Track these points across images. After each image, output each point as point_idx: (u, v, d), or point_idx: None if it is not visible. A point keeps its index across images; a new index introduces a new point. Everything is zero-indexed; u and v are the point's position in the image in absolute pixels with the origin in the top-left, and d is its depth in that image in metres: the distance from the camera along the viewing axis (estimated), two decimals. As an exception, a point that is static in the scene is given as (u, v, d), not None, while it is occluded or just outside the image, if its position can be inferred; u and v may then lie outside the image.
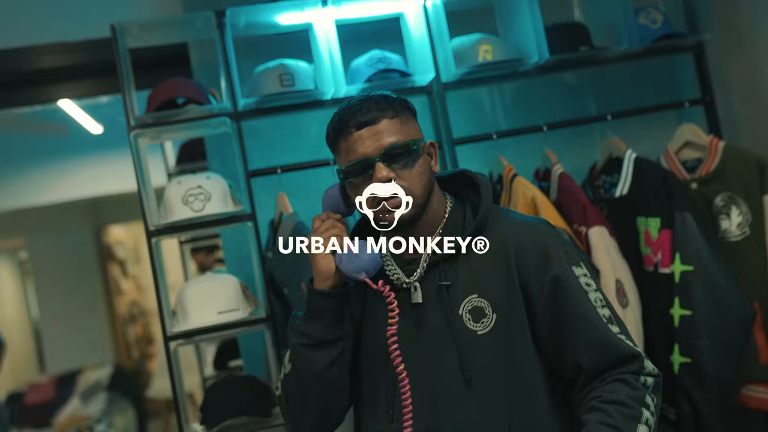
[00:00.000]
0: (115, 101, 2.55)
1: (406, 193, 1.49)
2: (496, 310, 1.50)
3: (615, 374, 1.46)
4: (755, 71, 2.54)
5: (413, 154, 1.51)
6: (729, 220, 2.44)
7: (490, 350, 1.49)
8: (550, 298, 1.50)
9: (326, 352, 1.53)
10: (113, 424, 5.95)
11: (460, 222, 1.58)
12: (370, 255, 1.50)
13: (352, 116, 1.51)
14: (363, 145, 1.50)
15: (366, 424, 1.62)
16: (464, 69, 2.50)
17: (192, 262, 4.81)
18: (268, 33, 2.67)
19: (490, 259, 1.53)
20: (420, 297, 1.54)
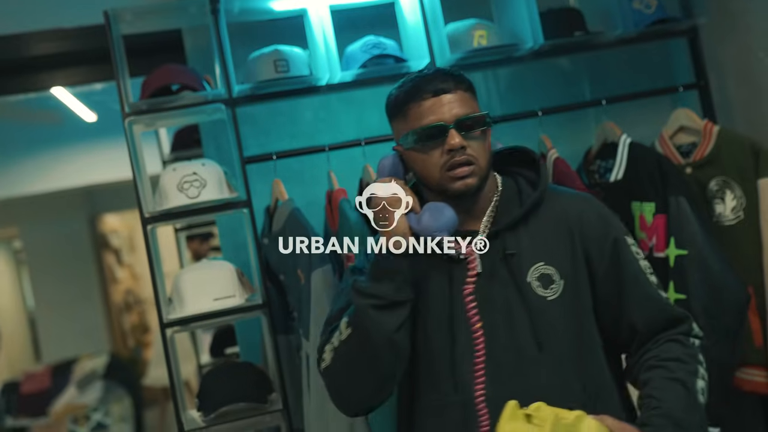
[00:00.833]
0: (109, 88, 2.54)
1: (474, 162, 1.54)
2: (563, 277, 1.55)
3: (668, 335, 1.56)
4: (749, 55, 2.55)
5: (484, 127, 1.56)
6: (723, 204, 2.45)
7: (560, 315, 1.54)
8: (611, 263, 1.58)
9: (395, 314, 1.50)
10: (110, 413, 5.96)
11: (514, 195, 1.64)
12: (451, 214, 1.50)
13: (429, 83, 1.55)
14: (438, 111, 1.53)
15: (425, 397, 1.61)
16: (459, 54, 2.50)
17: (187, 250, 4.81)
18: (263, 19, 2.66)
19: (552, 228, 1.59)
20: (479, 267, 1.56)
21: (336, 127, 2.80)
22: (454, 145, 1.50)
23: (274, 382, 2.41)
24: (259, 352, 2.62)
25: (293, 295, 2.38)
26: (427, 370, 1.60)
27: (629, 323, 1.58)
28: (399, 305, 1.50)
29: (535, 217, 1.60)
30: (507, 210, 1.61)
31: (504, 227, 1.58)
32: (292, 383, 2.41)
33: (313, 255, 2.26)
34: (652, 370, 1.51)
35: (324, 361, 1.57)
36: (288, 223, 2.37)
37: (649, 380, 1.50)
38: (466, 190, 1.54)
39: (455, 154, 1.52)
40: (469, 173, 1.53)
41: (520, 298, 1.54)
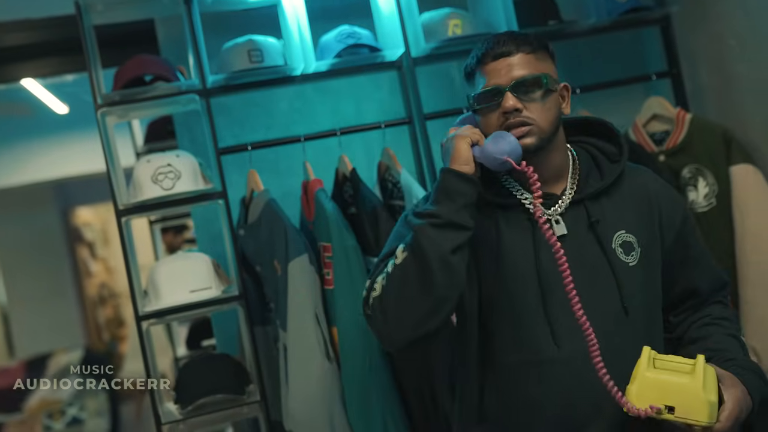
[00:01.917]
0: (81, 80, 2.51)
1: (532, 124, 1.55)
2: (641, 245, 1.62)
3: (716, 297, 1.72)
4: (721, 44, 2.57)
5: (543, 88, 1.55)
6: (696, 191, 2.47)
7: (640, 280, 1.60)
8: (680, 233, 1.68)
9: (454, 235, 1.50)
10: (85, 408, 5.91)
11: (591, 165, 1.68)
12: (514, 141, 1.51)
13: (491, 48, 1.58)
14: (497, 75, 1.56)
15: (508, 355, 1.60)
16: (434, 44, 2.50)
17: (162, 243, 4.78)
18: (236, 9, 2.64)
19: (632, 200, 1.65)
20: (564, 229, 1.59)
21: (311, 117, 2.79)
22: (507, 108, 1.53)
23: (251, 374, 2.40)
24: (236, 343, 2.61)
25: (270, 286, 2.38)
26: (511, 328, 1.60)
27: (690, 286, 1.70)
28: (457, 227, 1.50)
29: (616, 187, 1.65)
30: (587, 179, 1.65)
31: (587, 196, 1.62)
32: (269, 374, 2.41)
33: (290, 245, 2.25)
34: (709, 326, 1.65)
35: (375, 291, 1.54)
36: (264, 214, 2.36)
37: (709, 335, 1.63)
38: (524, 150, 1.54)
39: (510, 116, 1.54)
40: (526, 133, 1.54)
41: (607, 262, 1.58)
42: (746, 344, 1.67)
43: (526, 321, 1.58)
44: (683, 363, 1.41)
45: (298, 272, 2.23)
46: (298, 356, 2.22)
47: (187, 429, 2.35)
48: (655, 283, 1.65)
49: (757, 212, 2.36)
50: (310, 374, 2.21)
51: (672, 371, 1.40)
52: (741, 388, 1.44)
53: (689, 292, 1.70)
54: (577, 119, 1.77)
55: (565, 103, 1.65)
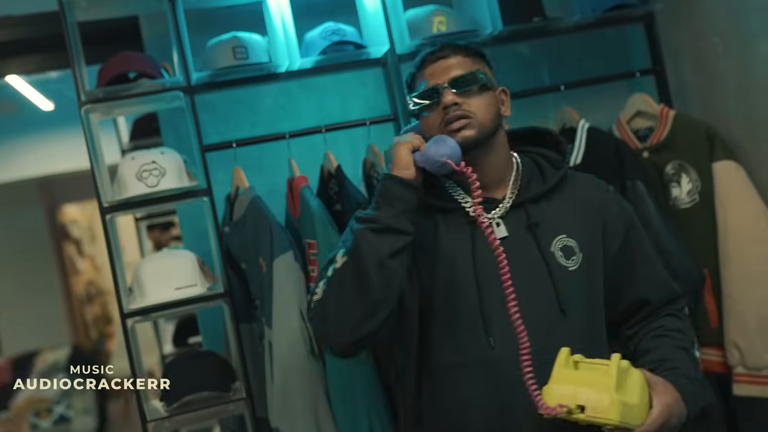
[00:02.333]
0: (65, 76, 2.50)
1: (472, 117, 1.59)
2: (582, 250, 1.63)
3: (668, 309, 1.72)
4: (705, 41, 2.58)
5: (479, 83, 1.61)
6: (679, 187, 2.49)
7: (580, 285, 1.62)
8: (625, 241, 1.69)
9: (392, 240, 1.52)
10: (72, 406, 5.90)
11: (535, 171, 1.71)
12: (453, 144, 1.55)
13: (429, 54, 1.66)
14: (436, 76, 1.63)
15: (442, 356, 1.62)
16: (418, 41, 2.50)
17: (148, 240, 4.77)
18: (221, 5, 2.63)
19: (575, 205, 1.68)
20: (505, 231, 1.62)
21: (296, 114, 2.79)
22: (446, 102, 1.58)
23: (237, 371, 2.40)
24: (221, 341, 2.61)
25: (255, 283, 2.38)
26: (447, 329, 1.62)
27: (638, 298, 1.71)
28: (396, 232, 1.53)
29: (558, 193, 1.68)
30: (529, 184, 1.68)
31: (527, 199, 1.65)
32: (255, 372, 2.41)
33: (275, 242, 2.25)
34: (659, 338, 1.65)
35: (316, 295, 1.57)
36: (249, 211, 2.36)
37: (657, 346, 1.63)
38: (464, 142, 1.58)
39: (449, 111, 1.59)
40: (465, 125, 1.58)
41: (545, 265, 1.60)
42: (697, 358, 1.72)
43: (462, 323, 1.60)
44: (603, 364, 1.40)
45: (284, 269, 2.23)
46: (283, 353, 2.22)
47: (173, 426, 2.35)
48: (597, 291, 1.66)
49: (740, 208, 2.37)
50: (295, 371, 2.21)
51: (588, 372, 1.40)
52: (674, 395, 1.45)
53: (639, 302, 1.71)
54: (524, 130, 1.82)
55: (505, 107, 1.70)
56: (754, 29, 2.36)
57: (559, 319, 1.58)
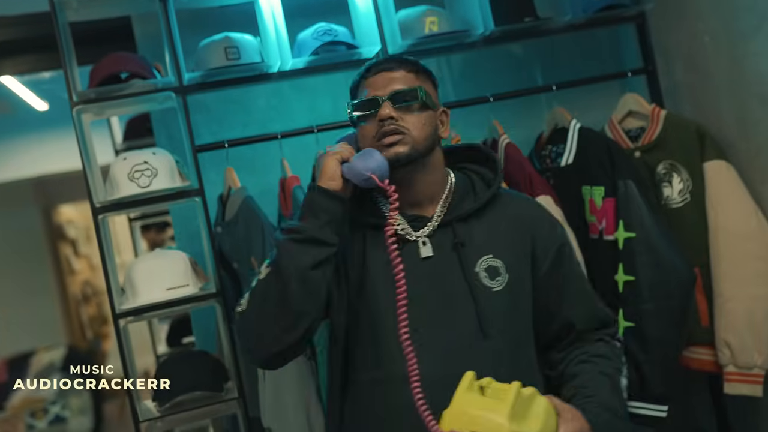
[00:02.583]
0: (59, 77, 2.49)
1: (406, 133, 1.58)
2: (509, 271, 1.62)
3: (598, 335, 1.70)
4: (696, 40, 2.59)
5: (419, 101, 1.60)
6: (671, 187, 2.49)
7: (505, 306, 1.61)
8: (555, 264, 1.68)
9: (315, 251, 1.52)
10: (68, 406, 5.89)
11: (468, 190, 1.71)
12: (381, 159, 1.54)
13: (375, 65, 1.66)
14: (377, 87, 1.62)
15: (358, 373, 1.63)
16: (410, 41, 2.50)
17: (143, 240, 4.78)
18: (213, 6, 2.64)
19: (504, 225, 1.67)
20: (430, 251, 1.62)
21: (288, 114, 2.80)
22: (383, 115, 1.57)
23: (229, 371, 2.40)
24: (214, 341, 2.61)
25: (247, 283, 2.38)
26: (368, 346, 1.62)
27: (567, 322, 1.69)
28: (319, 243, 1.53)
29: (488, 212, 1.67)
30: (460, 203, 1.67)
31: (456, 218, 1.64)
32: (247, 371, 2.41)
33: (267, 242, 2.26)
34: (584, 364, 1.63)
35: (241, 306, 1.58)
36: (241, 212, 2.36)
37: (580, 372, 1.61)
38: (395, 158, 1.57)
39: (385, 124, 1.58)
40: (398, 141, 1.57)
41: (467, 286, 1.59)
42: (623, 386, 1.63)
43: (382, 340, 1.60)
44: (509, 390, 1.35)
45: (275, 269, 2.23)
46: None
47: (166, 426, 2.36)
48: (524, 312, 1.65)
49: (730, 208, 2.38)
50: (286, 370, 2.21)
51: (492, 397, 1.36)
52: (581, 423, 1.42)
53: (567, 326, 1.70)
54: (461, 146, 1.82)
55: (444, 128, 1.70)
56: (744, 29, 2.36)
57: (480, 341, 1.57)
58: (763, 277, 2.34)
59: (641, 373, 2.29)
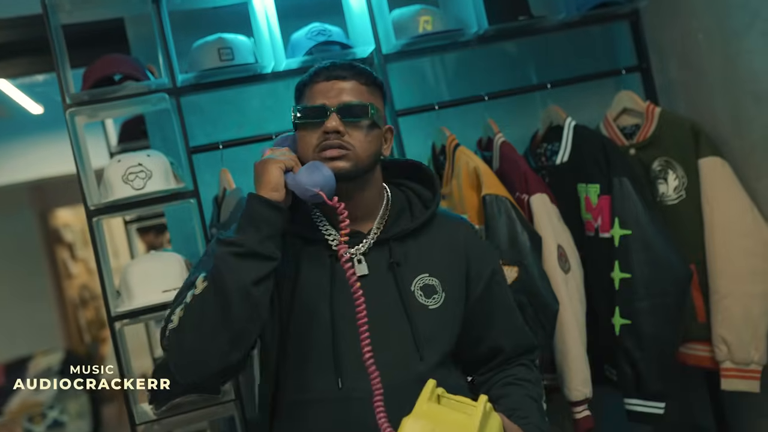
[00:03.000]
0: (52, 80, 2.49)
1: (350, 150, 1.52)
2: (445, 289, 1.60)
3: (522, 359, 1.71)
4: (690, 38, 2.59)
5: (368, 119, 1.54)
6: (666, 184, 2.49)
7: (440, 325, 1.59)
8: (487, 288, 1.67)
9: (257, 266, 1.43)
10: (66, 410, 5.88)
11: (405, 207, 1.67)
12: (329, 174, 1.48)
13: (326, 69, 1.57)
14: (326, 95, 1.54)
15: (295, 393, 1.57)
16: (404, 40, 2.50)
17: (140, 243, 4.76)
18: (206, 7, 2.63)
19: (441, 245, 1.64)
20: (366, 269, 1.57)
21: (283, 115, 2.79)
22: (329, 128, 1.50)
23: (226, 372, 2.40)
24: (211, 342, 2.60)
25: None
26: (299, 364, 1.56)
27: (494, 345, 1.69)
28: (261, 258, 1.43)
29: (425, 231, 1.64)
30: (397, 220, 1.64)
31: (392, 237, 1.60)
32: (244, 373, 2.40)
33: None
34: (511, 386, 1.64)
35: (172, 323, 1.46)
36: (236, 213, 2.36)
37: (509, 394, 1.62)
38: (335, 173, 1.49)
39: (329, 137, 1.51)
40: (340, 156, 1.51)
41: (402, 305, 1.56)
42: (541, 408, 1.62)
43: (314, 359, 1.54)
44: (467, 403, 1.32)
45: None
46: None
47: (162, 429, 2.35)
48: (453, 330, 1.62)
49: (726, 204, 2.38)
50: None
51: (451, 409, 1.32)
52: None
53: (494, 350, 1.69)
54: (400, 162, 1.75)
55: (387, 146, 1.63)
56: (737, 26, 2.36)
57: (416, 360, 1.54)
58: (759, 273, 2.34)
59: (637, 370, 2.29)
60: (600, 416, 2.43)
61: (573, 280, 2.34)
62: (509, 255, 2.22)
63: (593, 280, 2.41)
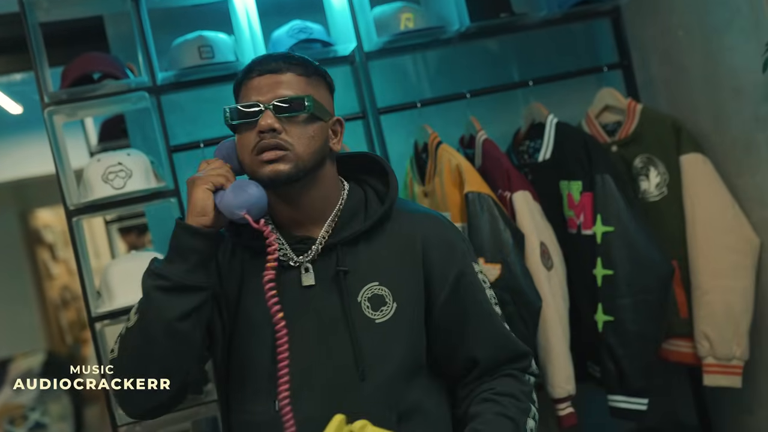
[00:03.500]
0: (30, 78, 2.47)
1: (289, 149, 1.38)
2: (396, 299, 1.45)
3: (507, 370, 1.51)
4: (670, 35, 2.60)
5: (306, 111, 1.39)
6: (648, 180, 2.50)
7: (387, 339, 1.43)
8: (454, 292, 1.49)
9: (183, 300, 1.33)
10: (48, 412, 5.83)
11: (360, 206, 1.52)
12: (257, 192, 1.36)
13: (260, 63, 1.44)
14: (260, 91, 1.40)
15: (237, 413, 1.49)
16: (386, 38, 2.49)
17: (122, 243, 4.73)
18: (186, 5, 2.62)
19: (395, 248, 1.48)
20: (312, 279, 1.44)
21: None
22: (263, 127, 1.36)
23: (209, 373, 2.38)
24: (193, 343, 2.58)
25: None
26: (242, 385, 1.47)
27: (469, 355, 1.50)
28: (188, 290, 1.34)
29: (379, 233, 1.48)
30: (350, 222, 1.49)
31: (341, 241, 1.45)
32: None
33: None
34: (485, 403, 1.45)
35: (113, 353, 1.42)
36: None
37: (481, 413, 1.43)
38: (275, 177, 1.38)
39: (265, 136, 1.37)
40: (278, 158, 1.37)
41: (346, 319, 1.42)
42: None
43: (256, 380, 1.44)
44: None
45: (253, 269, 2.21)
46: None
47: (144, 430, 2.33)
48: (413, 346, 1.46)
49: (707, 200, 2.39)
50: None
51: None
52: None
53: (471, 361, 1.50)
54: (356, 156, 1.61)
55: (337, 139, 1.49)
56: (717, 23, 2.37)
57: (357, 381, 1.40)
58: (741, 269, 2.35)
59: (620, 366, 2.29)
60: (583, 413, 2.44)
61: (556, 277, 2.34)
62: (492, 252, 2.22)
63: (576, 277, 2.42)
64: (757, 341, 2.40)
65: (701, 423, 2.73)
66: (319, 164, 1.44)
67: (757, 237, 2.35)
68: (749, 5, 2.23)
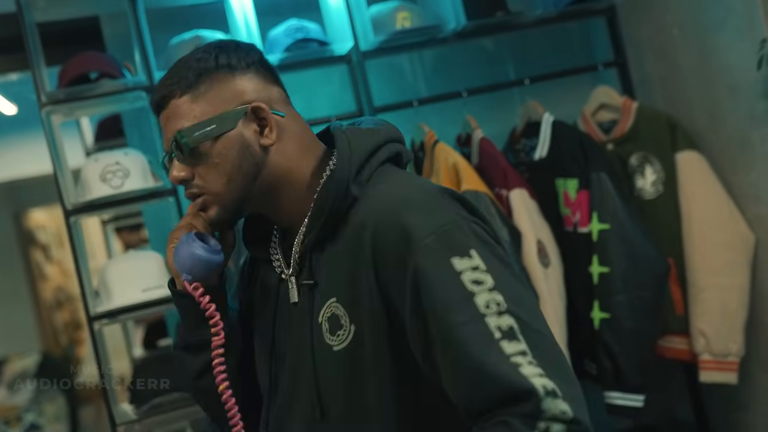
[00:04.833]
0: (27, 78, 2.47)
1: (205, 193, 1.17)
2: (354, 320, 1.10)
3: (500, 415, 0.94)
4: (665, 33, 2.61)
5: (185, 152, 1.13)
6: (643, 178, 2.51)
7: (346, 372, 1.12)
8: (414, 297, 1.03)
9: (196, 359, 1.25)
10: (43, 413, 5.82)
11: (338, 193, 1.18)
12: (193, 252, 1.16)
13: (152, 97, 1.20)
14: (164, 135, 1.19)
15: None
16: (383, 37, 2.50)
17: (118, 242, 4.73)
18: (183, 4, 2.62)
19: (349, 246, 1.12)
20: (296, 295, 1.20)
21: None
22: (172, 181, 1.18)
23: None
24: (191, 342, 2.58)
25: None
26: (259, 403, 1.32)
27: (450, 392, 1.02)
28: (195, 349, 1.25)
29: (341, 232, 1.14)
30: (320, 218, 1.15)
31: (309, 246, 1.17)
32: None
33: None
34: None
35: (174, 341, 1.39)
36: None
37: None
38: (216, 224, 1.20)
39: (185, 188, 1.19)
40: (204, 206, 1.18)
41: (309, 346, 1.15)
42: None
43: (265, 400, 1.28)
44: None
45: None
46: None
47: (143, 429, 2.33)
48: (374, 380, 1.09)
49: (703, 198, 2.40)
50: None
51: None
52: None
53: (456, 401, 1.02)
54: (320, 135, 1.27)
55: (268, 133, 1.15)
56: (711, 21, 2.39)
57: (317, 421, 1.14)
58: (736, 266, 2.37)
59: (617, 363, 2.30)
60: (580, 410, 2.44)
61: (553, 274, 2.35)
62: (489, 250, 2.22)
63: (572, 274, 2.42)
64: (753, 338, 2.41)
65: (697, 419, 2.74)
66: (251, 182, 1.16)
67: (752, 234, 2.37)
68: (743, 4, 2.25)
